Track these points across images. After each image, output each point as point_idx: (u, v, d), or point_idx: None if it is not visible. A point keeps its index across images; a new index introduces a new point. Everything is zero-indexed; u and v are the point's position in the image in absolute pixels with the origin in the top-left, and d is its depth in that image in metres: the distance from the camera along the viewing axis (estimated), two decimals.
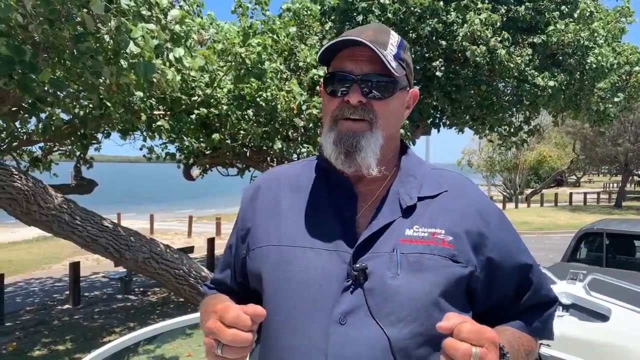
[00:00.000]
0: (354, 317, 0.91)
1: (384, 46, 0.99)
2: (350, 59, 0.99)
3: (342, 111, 0.99)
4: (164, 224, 21.26)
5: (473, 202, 1.04)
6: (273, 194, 1.09)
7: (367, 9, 8.05)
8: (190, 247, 10.68)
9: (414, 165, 1.08)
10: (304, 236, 0.99)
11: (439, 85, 8.55)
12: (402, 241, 0.96)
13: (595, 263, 6.35)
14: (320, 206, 1.03)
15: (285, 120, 7.03)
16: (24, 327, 7.59)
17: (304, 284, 0.95)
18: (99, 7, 3.12)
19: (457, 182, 1.08)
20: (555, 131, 32.72)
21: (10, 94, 4.84)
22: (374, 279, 0.92)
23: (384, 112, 1.00)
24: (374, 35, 1.00)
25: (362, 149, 0.97)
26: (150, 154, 7.93)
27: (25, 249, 15.65)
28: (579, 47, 8.24)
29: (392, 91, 1.00)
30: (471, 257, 0.97)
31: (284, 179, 1.12)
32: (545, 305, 1.07)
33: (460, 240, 0.97)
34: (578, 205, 28.10)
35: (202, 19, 7.04)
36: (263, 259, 1.02)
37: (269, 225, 1.05)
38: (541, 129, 12.19)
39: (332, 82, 1.02)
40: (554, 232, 17.29)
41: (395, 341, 0.89)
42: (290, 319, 0.94)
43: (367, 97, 0.98)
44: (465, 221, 1.00)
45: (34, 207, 5.06)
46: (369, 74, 0.98)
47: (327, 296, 0.93)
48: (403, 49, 1.04)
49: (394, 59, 1.00)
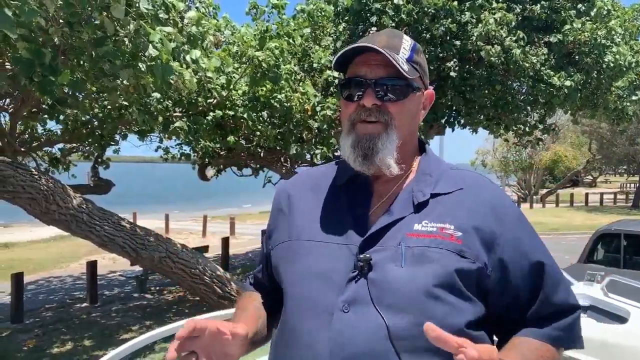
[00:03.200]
0: (356, 305, 0.94)
1: (396, 50, 1.03)
2: (365, 64, 1.03)
3: (359, 114, 1.03)
4: (179, 224, 21.42)
5: (488, 201, 1.03)
6: (297, 194, 1.17)
7: (380, 10, 8.04)
8: (205, 246, 10.77)
9: (432, 164, 1.10)
10: (319, 231, 1.05)
11: (453, 85, 8.51)
12: (409, 235, 0.98)
13: (613, 264, 6.26)
14: (336, 204, 1.09)
15: (300, 121, 7.06)
16: (43, 325, 7.72)
17: (315, 275, 1.00)
18: (119, 12, 3.18)
19: (476, 181, 1.08)
20: (571, 131, 32.32)
21: (31, 95, 4.94)
22: (378, 270, 0.96)
23: (399, 113, 1.03)
24: (386, 41, 1.04)
25: (380, 150, 1.01)
26: (166, 155, 8.02)
27: (43, 248, 15.90)
28: (596, 46, 8.14)
29: (406, 93, 1.04)
30: (481, 254, 0.97)
31: (308, 179, 1.20)
32: (565, 312, 1.05)
33: (469, 236, 0.97)
34: (594, 205, 27.69)
35: (217, 21, 7.10)
36: (282, 254, 1.10)
37: (290, 222, 1.12)
38: (557, 127, 12.06)
39: (348, 87, 1.06)
40: (570, 233, 17.06)
41: (394, 330, 0.92)
42: (301, 306, 1.00)
43: (382, 100, 1.02)
44: (477, 218, 1.00)
45: (53, 207, 5.16)
46: (383, 78, 1.02)
47: (335, 286, 0.97)
48: (416, 52, 1.07)
49: (407, 62, 1.03)
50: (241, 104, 6.65)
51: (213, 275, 6.27)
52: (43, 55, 3.38)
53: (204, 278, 6.16)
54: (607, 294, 3.75)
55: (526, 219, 1.08)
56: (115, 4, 3.21)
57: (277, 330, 1.09)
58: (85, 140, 6.56)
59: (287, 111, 6.76)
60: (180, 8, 4.09)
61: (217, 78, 5.78)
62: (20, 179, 4.85)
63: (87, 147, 7.34)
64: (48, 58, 3.40)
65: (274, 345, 1.09)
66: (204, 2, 6.26)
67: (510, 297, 1.01)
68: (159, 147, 8.04)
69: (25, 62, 3.37)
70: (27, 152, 6.37)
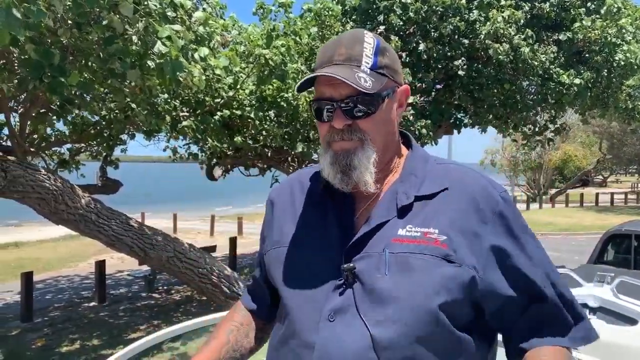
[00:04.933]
0: (342, 315, 0.94)
1: (357, 62, 0.99)
2: (329, 85, 1.00)
3: (332, 135, 1.02)
4: (186, 223, 21.52)
5: (472, 200, 0.99)
6: (289, 197, 1.17)
7: (388, 8, 8.01)
8: (213, 246, 10.80)
9: (418, 163, 1.07)
10: (306, 238, 1.06)
11: (461, 84, 8.46)
12: (393, 241, 0.96)
13: (623, 265, 6.20)
14: (323, 208, 1.08)
15: (307, 120, 7.05)
16: (52, 324, 7.78)
17: (302, 282, 1.02)
18: (128, 10, 3.19)
19: (460, 177, 1.04)
20: (581, 130, 32.07)
21: (40, 96, 4.97)
22: (363, 279, 0.95)
23: (371, 128, 1.01)
24: (346, 52, 1.00)
25: (356, 167, 0.99)
26: (174, 154, 8.05)
27: (52, 247, 16.03)
28: (606, 44, 8.06)
29: (376, 106, 1.00)
30: (468, 257, 0.94)
31: (300, 181, 1.19)
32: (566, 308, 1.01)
33: (455, 239, 0.95)
34: (605, 205, 27.43)
35: (224, 21, 7.11)
36: (273, 259, 1.11)
37: (281, 227, 1.13)
38: (567, 127, 11.96)
39: (317, 108, 1.03)
40: (579, 233, 16.92)
41: (379, 340, 0.91)
42: (291, 312, 1.02)
43: (353, 118, 1.00)
44: (462, 220, 0.97)
45: (62, 207, 5.18)
46: (349, 97, 0.98)
47: (321, 294, 0.98)
48: (381, 53, 1.02)
49: (372, 71, 0.99)
50: (248, 104, 6.65)
51: (221, 274, 6.28)
52: (52, 56, 3.39)
53: (211, 278, 6.17)
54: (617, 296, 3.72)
55: (514, 214, 1.01)
56: (124, 2, 3.22)
57: (274, 330, 1.11)
58: (94, 140, 6.60)
59: (294, 110, 6.76)
60: (187, 6, 4.10)
61: (224, 77, 5.79)
62: (29, 178, 4.88)
63: (95, 147, 7.38)
64: (57, 59, 3.42)
65: (269, 345, 1.11)
66: (211, 2, 6.27)
67: (504, 298, 0.97)
68: (167, 147, 8.07)
69: (35, 64, 3.39)
70: (37, 152, 6.41)
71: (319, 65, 1.02)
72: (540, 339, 0.99)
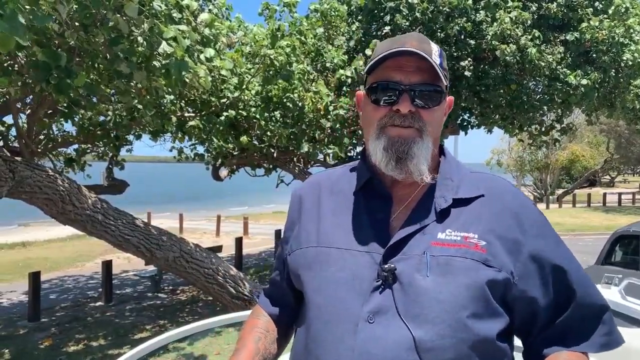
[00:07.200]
0: (382, 316, 0.93)
1: (429, 56, 1.01)
2: (397, 69, 1.01)
3: (392, 119, 1.01)
4: (192, 223, 21.58)
5: (510, 207, 1.02)
6: (315, 198, 1.15)
7: (394, 9, 7.99)
8: (219, 246, 10.81)
9: (452, 168, 1.09)
10: (340, 238, 1.03)
11: (468, 85, 8.42)
12: (433, 244, 0.96)
13: (631, 267, 6.14)
14: (356, 209, 1.07)
15: (312, 121, 7.05)
16: (59, 323, 7.82)
17: (338, 283, 0.99)
18: (133, 11, 3.20)
19: (496, 185, 1.06)
20: (588, 130, 31.85)
21: (47, 97, 5.00)
22: (403, 280, 0.94)
23: (431, 121, 1.02)
24: (418, 45, 1.01)
25: (415, 155, 1.00)
26: (179, 155, 8.07)
27: (59, 247, 16.13)
28: (614, 44, 7.99)
29: (439, 100, 1.03)
30: (506, 263, 0.95)
31: (325, 183, 1.17)
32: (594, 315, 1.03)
33: (493, 245, 0.96)
34: (612, 206, 27.24)
35: (230, 22, 7.12)
36: (302, 260, 1.07)
37: (309, 228, 1.10)
38: (574, 127, 11.88)
39: (376, 91, 1.03)
40: (587, 234, 16.81)
41: (421, 342, 0.90)
42: (324, 314, 0.99)
43: (417, 107, 1.01)
44: (500, 226, 0.98)
45: (69, 207, 5.21)
46: (419, 84, 1.00)
47: (359, 295, 0.96)
48: (443, 58, 1.06)
49: (439, 69, 1.01)
50: (254, 104, 6.66)
51: (226, 275, 6.28)
52: (59, 58, 3.41)
53: (217, 278, 6.18)
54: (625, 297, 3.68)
55: (549, 225, 1.05)
56: (129, 2, 3.23)
57: (298, 335, 1.08)
58: (100, 140, 6.63)
59: (299, 111, 6.76)
60: (193, 7, 4.11)
61: (230, 78, 5.80)
62: (37, 179, 4.90)
63: (101, 148, 7.41)
64: (64, 61, 3.43)
65: (294, 350, 1.08)
66: (217, 3, 6.28)
67: (537, 304, 0.99)
68: (173, 147, 8.10)
69: (42, 65, 3.41)
70: (44, 153, 6.45)
71: (386, 50, 1.02)
72: (563, 346, 1.00)
